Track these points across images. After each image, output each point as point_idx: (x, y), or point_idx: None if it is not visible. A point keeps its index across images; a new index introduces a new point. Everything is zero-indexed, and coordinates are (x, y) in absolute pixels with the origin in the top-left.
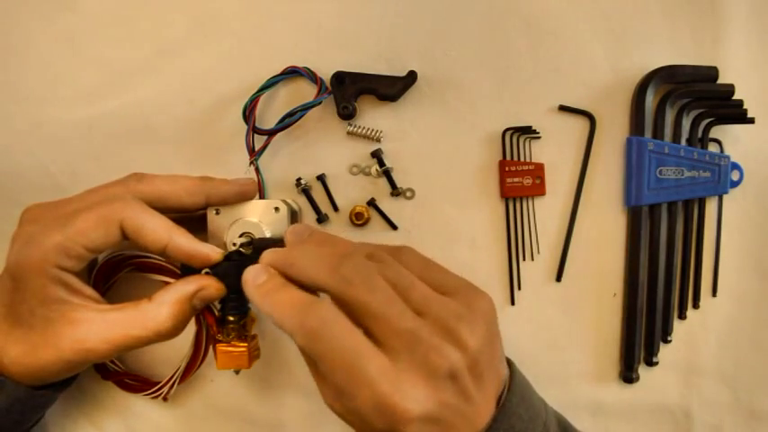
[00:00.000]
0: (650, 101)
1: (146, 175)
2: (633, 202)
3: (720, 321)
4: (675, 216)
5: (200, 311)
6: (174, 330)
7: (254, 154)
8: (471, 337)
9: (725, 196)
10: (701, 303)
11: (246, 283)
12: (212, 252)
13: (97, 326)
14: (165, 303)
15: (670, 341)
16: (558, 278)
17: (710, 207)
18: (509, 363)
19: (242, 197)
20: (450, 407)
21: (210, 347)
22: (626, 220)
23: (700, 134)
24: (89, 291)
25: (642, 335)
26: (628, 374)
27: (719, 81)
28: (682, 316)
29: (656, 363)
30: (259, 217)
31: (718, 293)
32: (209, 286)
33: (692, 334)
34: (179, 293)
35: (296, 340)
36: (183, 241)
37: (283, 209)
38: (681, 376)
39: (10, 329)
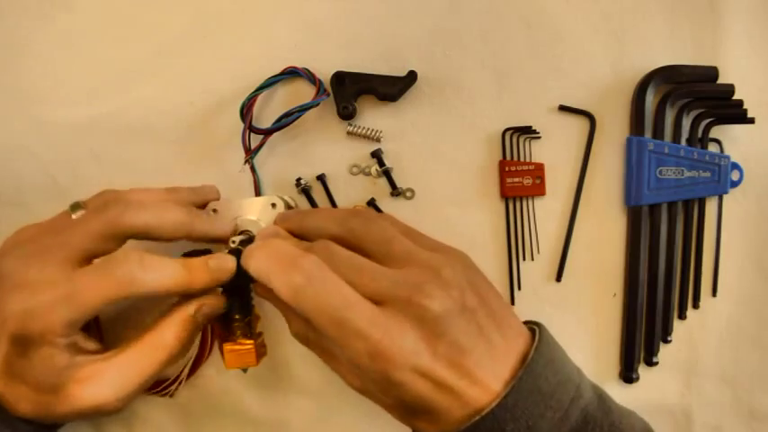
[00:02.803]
0: (650, 101)
1: (130, 206)
2: (633, 202)
3: (720, 321)
4: (675, 216)
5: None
6: (184, 350)
7: (250, 153)
8: (453, 276)
9: (725, 196)
10: (701, 303)
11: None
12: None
13: (109, 375)
14: (168, 328)
15: (670, 341)
16: (558, 278)
17: (710, 207)
18: (538, 326)
19: (220, 240)
20: (444, 359)
21: (215, 345)
22: (626, 220)
23: (700, 134)
24: (92, 345)
25: (642, 335)
26: (628, 374)
27: (719, 81)
28: (682, 316)
29: (656, 363)
30: (257, 214)
31: (718, 293)
32: (208, 303)
33: (691, 334)
34: (180, 315)
35: (285, 299)
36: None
37: (280, 204)
38: (681, 376)
39: (16, 385)
